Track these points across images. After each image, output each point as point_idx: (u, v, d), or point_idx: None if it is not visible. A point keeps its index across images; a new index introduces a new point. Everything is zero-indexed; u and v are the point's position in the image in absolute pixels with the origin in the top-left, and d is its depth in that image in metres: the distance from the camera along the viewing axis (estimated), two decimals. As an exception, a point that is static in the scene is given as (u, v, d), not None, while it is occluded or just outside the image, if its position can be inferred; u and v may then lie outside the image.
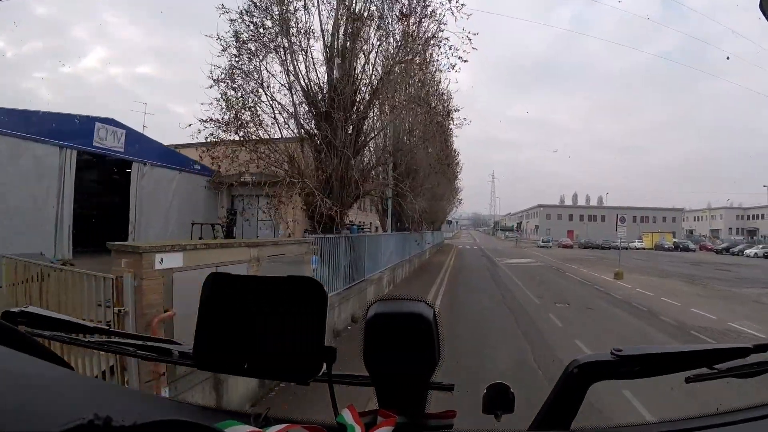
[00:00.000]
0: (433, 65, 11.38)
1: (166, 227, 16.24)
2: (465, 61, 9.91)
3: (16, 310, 0.90)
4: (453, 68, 10.00)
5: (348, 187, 8.92)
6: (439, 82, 15.18)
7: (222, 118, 8.49)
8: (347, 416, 0.71)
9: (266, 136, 9.15)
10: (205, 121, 8.30)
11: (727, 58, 51.44)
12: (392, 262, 14.62)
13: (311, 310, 0.70)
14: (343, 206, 8.90)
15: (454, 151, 28.21)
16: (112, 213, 16.34)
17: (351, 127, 9.41)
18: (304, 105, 9.44)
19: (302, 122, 9.24)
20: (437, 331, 0.78)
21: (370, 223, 26.71)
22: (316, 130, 9.31)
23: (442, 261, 26.90)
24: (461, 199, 47.62)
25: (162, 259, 3.92)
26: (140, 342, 0.98)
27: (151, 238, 14.53)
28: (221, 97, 8.42)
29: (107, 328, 1.04)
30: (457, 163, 34.82)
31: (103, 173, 16.93)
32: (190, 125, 8.36)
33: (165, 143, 17.35)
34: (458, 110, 16.48)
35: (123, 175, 16.02)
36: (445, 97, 15.98)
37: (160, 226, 15.89)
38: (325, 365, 0.71)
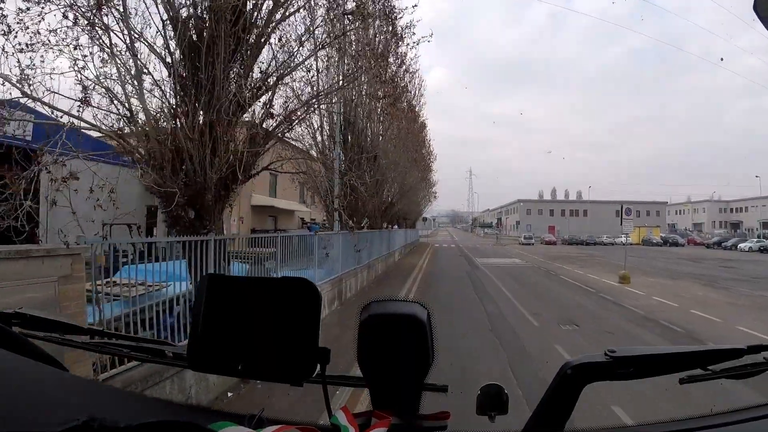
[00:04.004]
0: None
1: (91, 228, 12.29)
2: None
3: (10, 311, 0.90)
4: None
5: (217, 156, 5.01)
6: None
7: None
8: (341, 417, 0.70)
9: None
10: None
11: (721, 59, 50.44)
12: (339, 271, 10.80)
13: (305, 311, 0.68)
14: (205, 188, 5.01)
15: (413, 89, 20.41)
16: (21, 214, 12.49)
17: (238, 53, 5.60)
18: (168, 29, 5.63)
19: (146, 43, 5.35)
20: (431, 332, 0.78)
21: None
22: (179, 63, 5.47)
23: (414, 264, 23.09)
24: (436, 193, 44.52)
25: None
26: (134, 343, 0.98)
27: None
28: None
29: (101, 329, 1.03)
30: (431, 151, 31.53)
31: (7, 167, 12.93)
32: None
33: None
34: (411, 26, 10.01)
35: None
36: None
37: (81, 229, 12.07)
38: (319, 366, 0.70)
